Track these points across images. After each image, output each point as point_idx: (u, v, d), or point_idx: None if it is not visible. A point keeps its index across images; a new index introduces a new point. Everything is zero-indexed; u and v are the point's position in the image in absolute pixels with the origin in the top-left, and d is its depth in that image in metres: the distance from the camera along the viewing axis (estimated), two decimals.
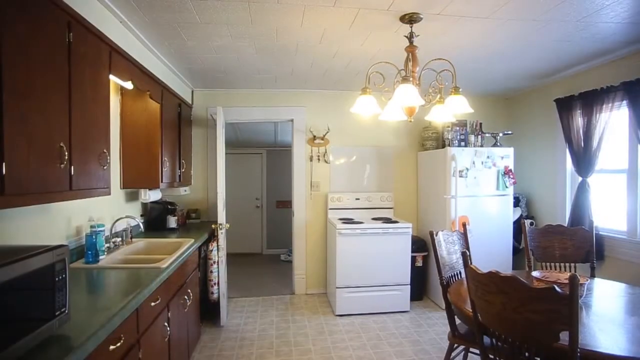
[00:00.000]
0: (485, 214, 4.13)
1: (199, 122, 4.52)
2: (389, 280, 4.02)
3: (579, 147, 3.75)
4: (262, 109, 4.63)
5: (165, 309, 2.23)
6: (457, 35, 2.83)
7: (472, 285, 1.73)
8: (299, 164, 4.67)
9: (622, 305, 2.14)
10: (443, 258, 2.52)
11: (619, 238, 3.44)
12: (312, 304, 4.33)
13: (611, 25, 2.70)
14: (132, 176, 3.05)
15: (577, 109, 3.77)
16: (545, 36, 2.87)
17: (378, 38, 2.87)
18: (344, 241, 3.94)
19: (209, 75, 3.93)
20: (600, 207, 3.70)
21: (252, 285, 5.03)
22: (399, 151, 4.85)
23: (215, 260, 3.60)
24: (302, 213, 4.68)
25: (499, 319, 1.61)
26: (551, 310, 1.44)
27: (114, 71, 2.22)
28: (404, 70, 2.30)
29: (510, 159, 4.18)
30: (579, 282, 1.41)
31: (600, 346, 1.58)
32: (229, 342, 3.33)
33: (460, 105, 2.26)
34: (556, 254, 2.90)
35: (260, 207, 7.07)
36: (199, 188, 4.54)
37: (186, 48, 3.08)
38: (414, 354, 3.13)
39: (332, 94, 4.70)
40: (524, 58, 3.41)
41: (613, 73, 3.43)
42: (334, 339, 3.41)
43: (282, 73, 3.90)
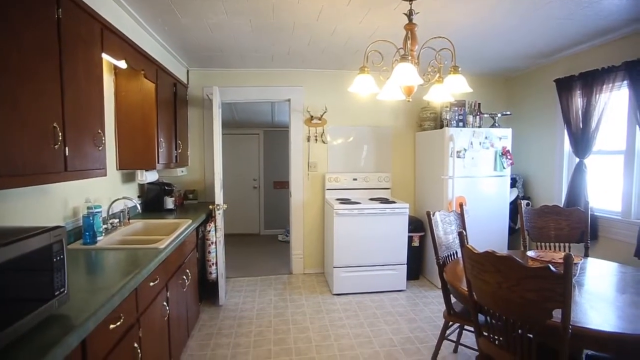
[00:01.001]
0: (483, 194, 4.14)
1: (195, 102, 4.47)
2: (386, 260, 4.06)
3: (577, 128, 3.74)
4: (259, 89, 4.56)
5: (164, 288, 2.25)
6: (457, 11, 2.77)
7: (468, 265, 1.75)
8: (297, 144, 4.65)
9: (613, 283, 2.18)
10: (440, 238, 2.54)
11: (613, 219, 3.48)
12: (309, 284, 4.39)
13: (614, 2, 2.65)
14: (128, 157, 3.03)
15: (577, 90, 3.74)
16: (547, 13, 2.81)
17: (377, 15, 2.81)
18: (341, 221, 3.96)
19: (204, 54, 3.86)
20: (595, 188, 3.72)
21: (250, 265, 5.08)
22: (397, 131, 4.83)
23: (213, 241, 3.62)
24: (300, 193, 4.69)
25: (494, 298, 1.64)
26: (545, 288, 1.47)
27: (106, 50, 2.17)
28: (403, 49, 2.26)
29: (508, 139, 4.17)
30: (573, 262, 1.43)
31: (591, 323, 1.62)
32: (227, 321, 3.39)
33: (459, 85, 2.23)
34: (551, 234, 2.93)
35: (258, 187, 7.08)
36: (196, 169, 4.52)
37: (180, 26, 3.01)
38: (409, 332, 3.19)
39: (329, 73, 4.63)
40: (525, 36, 3.35)
41: (615, 52, 3.39)
42: (332, 318, 3.47)
43: (279, 52, 3.83)
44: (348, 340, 3.05)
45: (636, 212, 3.29)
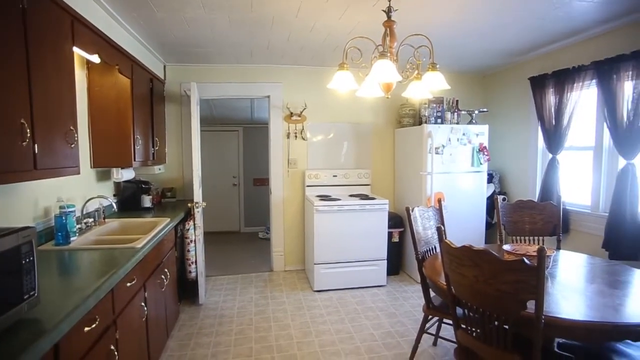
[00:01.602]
0: (460, 190, 4.23)
1: (172, 99, 4.38)
2: (366, 255, 4.09)
3: (550, 125, 3.85)
4: (238, 85, 4.51)
5: (142, 288, 2.21)
6: (435, 9, 2.80)
7: (446, 259, 1.78)
8: (276, 141, 4.62)
9: (583, 274, 2.26)
10: (419, 233, 2.58)
11: (583, 212, 3.61)
12: (290, 281, 4.38)
13: (584, 4, 2.74)
14: (103, 155, 2.94)
15: (550, 88, 3.85)
16: (521, 13, 2.88)
17: (356, 12, 2.81)
18: (322, 218, 3.97)
19: (181, 49, 3.78)
20: (567, 183, 3.84)
21: (231, 263, 5.03)
22: (377, 128, 4.86)
23: (192, 239, 3.56)
24: (280, 190, 4.67)
25: (472, 291, 1.67)
26: (520, 281, 1.51)
27: (77, 43, 2.10)
28: (382, 46, 2.27)
29: (485, 136, 4.26)
30: (546, 254, 1.48)
31: (562, 312, 1.68)
32: (208, 320, 3.35)
33: (437, 82, 2.26)
34: (526, 228, 3.02)
35: (237, 184, 7.01)
36: (174, 166, 4.44)
37: (156, 20, 2.94)
38: (390, 326, 3.23)
39: (309, 69, 4.62)
40: (501, 34, 3.42)
41: (584, 52, 3.50)
42: (313, 314, 3.48)
43: (257, 47, 3.79)
44: (329, 336, 3.06)
45: (604, 205, 3.42)
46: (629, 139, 3.05)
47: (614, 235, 3.13)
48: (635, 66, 2.98)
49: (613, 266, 2.33)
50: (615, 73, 3.14)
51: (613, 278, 2.11)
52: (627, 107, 3.06)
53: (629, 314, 1.67)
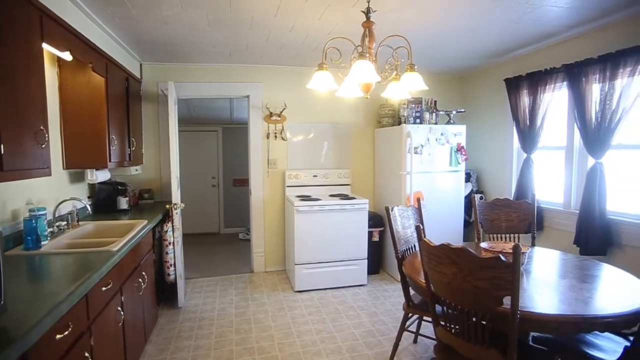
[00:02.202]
0: (439, 189, 4.29)
1: (149, 98, 4.28)
2: (347, 255, 4.11)
3: (524, 125, 3.96)
4: (217, 85, 4.46)
5: (119, 293, 2.15)
6: (414, 12, 2.84)
7: (425, 258, 1.81)
8: (256, 141, 4.59)
9: (556, 269, 2.33)
10: (398, 232, 2.61)
11: (556, 210, 3.73)
12: (271, 282, 4.36)
13: (555, 9, 2.83)
14: (76, 155, 2.85)
15: (524, 89, 3.96)
16: (497, 16, 2.95)
17: (335, 12, 2.82)
18: (302, 218, 3.96)
19: (158, 48, 3.70)
20: (541, 181, 3.96)
21: (210, 265, 4.96)
22: (356, 128, 4.89)
23: (171, 241, 3.50)
24: (260, 191, 4.64)
25: (450, 288, 1.70)
26: (496, 277, 1.54)
27: (47, 39, 2.02)
28: (361, 46, 2.28)
29: (462, 136, 4.35)
30: (521, 251, 1.52)
31: (537, 307, 1.72)
32: (187, 323, 3.29)
33: (416, 83, 2.29)
34: (502, 226, 3.09)
35: (217, 185, 6.92)
36: (151, 167, 4.34)
37: (131, 17, 2.87)
38: (371, 325, 3.26)
39: (289, 69, 4.61)
40: (476, 37, 3.49)
41: (556, 55, 3.62)
42: (294, 315, 3.47)
43: (237, 47, 3.76)
44: (311, 337, 3.06)
45: (575, 203, 3.54)
46: (597, 139, 3.16)
47: (584, 232, 3.25)
48: (602, 69, 3.10)
49: (583, 261, 2.42)
50: (584, 76, 3.26)
51: (583, 273, 2.18)
52: (595, 109, 3.18)
53: (597, 306, 1.74)
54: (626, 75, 2.95)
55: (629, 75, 2.94)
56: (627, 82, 2.95)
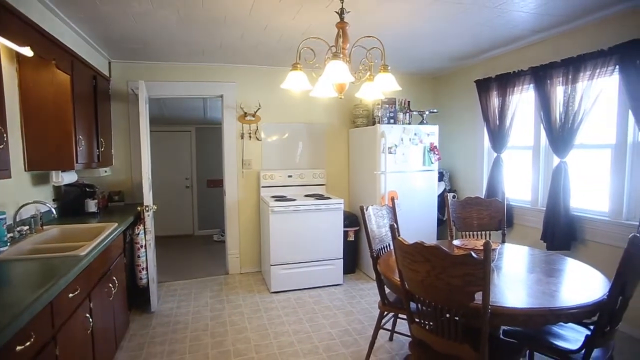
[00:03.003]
0: (413, 188, 4.36)
1: (119, 97, 4.15)
2: (323, 255, 4.12)
3: (494, 126, 4.08)
4: (190, 84, 4.37)
5: (87, 299, 2.07)
6: (387, 13, 2.88)
7: (399, 256, 1.83)
8: (230, 141, 4.53)
9: (525, 265, 2.41)
10: (373, 232, 2.63)
11: (525, 207, 3.86)
12: (247, 283, 4.31)
13: (522, 14, 2.93)
14: (39, 157, 2.71)
15: (494, 90, 4.08)
16: (467, 19, 3.03)
17: (309, 12, 2.82)
18: (277, 219, 3.94)
19: (128, 45, 3.60)
20: (511, 180, 4.09)
21: (184, 268, 4.86)
22: (331, 128, 4.91)
23: (143, 244, 3.40)
24: (234, 192, 4.58)
25: (424, 286, 1.73)
26: (468, 274, 1.58)
27: (4, 33, 1.91)
28: (335, 47, 2.29)
29: (435, 136, 4.43)
30: (491, 248, 1.56)
31: (507, 302, 1.78)
32: (161, 328, 3.21)
33: (389, 83, 2.32)
34: (474, 224, 3.17)
35: (190, 186, 6.79)
36: (122, 168, 4.21)
37: (99, 13, 2.77)
38: (347, 324, 3.27)
39: (263, 69, 4.57)
40: (449, 39, 3.57)
41: (523, 58, 3.75)
42: (270, 316, 3.44)
43: (210, 46, 3.69)
44: (287, 338, 3.05)
45: (542, 200, 3.68)
46: (561, 139, 3.30)
47: (551, 228, 3.38)
48: (565, 73, 3.24)
49: (550, 256, 2.51)
50: (549, 78, 3.40)
51: (549, 267, 2.27)
52: (559, 110, 3.32)
53: (562, 299, 1.81)
54: (586, 79, 3.10)
55: (589, 79, 3.08)
56: (587, 85, 3.09)
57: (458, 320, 1.68)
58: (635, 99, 2.75)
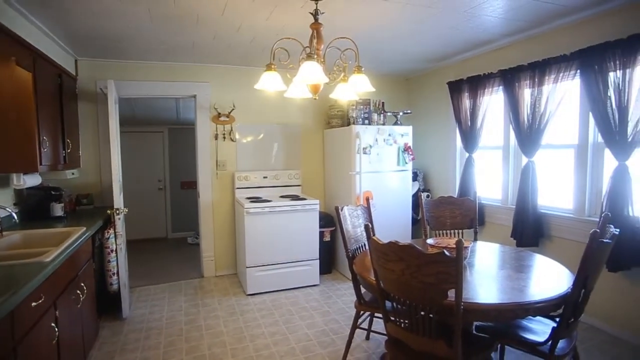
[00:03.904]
0: (387, 188, 4.42)
1: (86, 97, 4.00)
2: (299, 256, 4.11)
3: (466, 126, 4.18)
4: (162, 84, 4.27)
5: (52, 307, 1.98)
6: (360, 15, 2.90)
7: (374, 256, 1.85)
8: (204, 142, 4.45)
9: (496, 262, 2.48)
10: (348, 232, 2.64)
11: (495, 205, 3.98)
12: (222, 286, 4.25)
13: (491, 19, 3.02)
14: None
15: (465, 92, 4.19)
16: (439, 22, 3.09)
17: (283, 13, 2.81)
18: (252, 220, 3.90)
19: (96, 43, 3.47)
20: (482, 179, 4.21)
21: (158, 272, 4.74)
22: (306, 129, 4.90)
23: (113, 249, 3.30)
24: (209, 193, 4.51)
25: (398, 284, 1.75)
26: (441, 272, 1.61)
27: None
28: (309, 48, 2.29)
29: (409, 136, 4.50)
30: (463, 246, 1.59)
31: (479, 298, 1.82)
32: (133, 335, 3.12)
33: (363, 84, 2.34)
34: (447, 222, 3.23)
35: (163, 188, 6.63)
36: (90, 170, 4.07)
37: (63, 9, 2.67)
38: (324, 324, 3.28)
39: (237, 69, 4.52)
40: (421, 41, 3.64)
41: (493, 61, 3.87)
42: (246, 319, 3.40)
43: (182, 45, 3.62)
44: (264, 340, 3.02)
45: (512, 199, 3.80)
46: (529, 139, 3.42)
47: (520, 225, 3.50)
48: (532, 76, 3.37)
49: (519, 252, 2.60)
50: (517, 81, 3.52)
51: (519, 263, 2.35)
52: (527, 111, 3.44)
53: (531, 293, 1.88)
54: (551, 82, 3.23)
55: (553, 82, 3.21)
56: (552, 88, 3.22)
57: (432, 317, 1.71)
58: (595, 102, 2.89)
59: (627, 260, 2.71)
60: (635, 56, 2.63)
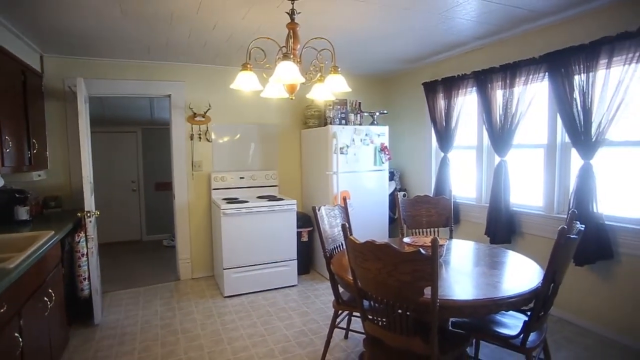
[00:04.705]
0: (364, 188, 4.45)
1: (54, 95, 3.85)
2: (277, 256, 4.09)
3: (441, 127, 4.26)
4: (135, 83, 4.16)
5: (16, 316, 1.89)
6: (336, 16, 2.91)
7: (351, 255, 1.86)
8: (179, 143, 4.37)
9: (470, 259, 2.54)
10: (326, 232, 2.65)
11: (470, 204, 4.07)
12: (199, 289, 4.18)
13: (464, 22, 3.09)
14: None
15: (440, 93, 4.26)
16: (413, 24, 3.14)
17: (260, 12, 2.79)
18: (229, 221, 3.85)
19: (63, 39, 3.34)
20: (457, 178, 4.30)
21: (132, 276, 4.62)
22: (283, 129, 4.88)
23: (84, 253, 3.18)
24: (184, 195, 4.42)
25: (375, 283, 1.77)
26: (417, 270, 1.63)
27: None
28: (285, 47, 2.28)
29: (385, 136, 4.55)
30: (438, 244, 1.62)
31: (454, 295, 1.86)
32: (106, 341, 3.02)
33: (339, 85, 2.34)
34: (423, 221, 3.28)
35: (137, 190, 6.47)
36: (59, 172, 3.91)
37: (25, 2, 2.55)
38: (303, 325, 3.27)
39: (213, 69, 4.46)
40: (397, 42, 3.68)
41: (467, 63, 3.96)
42: (224, 321, 3.36)
43: (156, 43, 3.53)
44: (242, 342, 2.99)
45: (485, 197, 3.90)
46: (501, 139, 3.52)
47: (493, 223, 3.59)
48: (504, 77, 3.47)
49: (493, 249, 2.67)
50: (490, 82, 3.61)
51: (493, 260, 2.41)
52: (499, 112, 3.54)
53: (504, 289, 1.93)
54: (522, 84, 3.33)
55: (524, 84, 3.32)
56: (523, 90, 3.33)
57: (409, 315, 1.73)
58: (562, 104, 3.00)
59: (593, 255, 2.83)
60: (597, 60, 2.76)
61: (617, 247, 2.82)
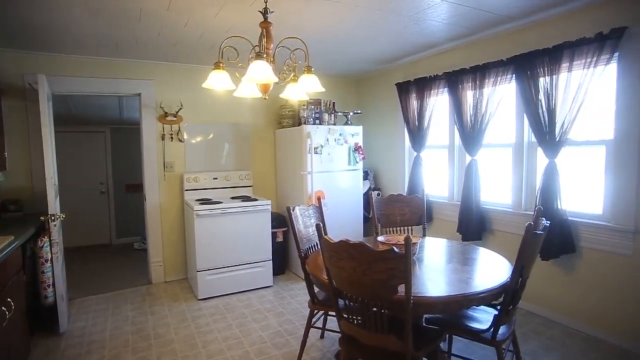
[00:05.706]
0: (339, 187, 4.47)
1: (12, 92, 3.66)
2: (251, 257, 4.05)
3: (414, 126, 4.34)
4: (102, 81, 4.01)
5: None
6: (310, 16, 2.91)
7: (326, 255, 1.86)
8: (150, 143, 4.25)
9: (443, 256, 2.59)
10: (300, 232, 2.64)
11: (442, 202, 4.16)
12: (172, 292, 4.08)
13: (436, 23, 3.16)
14: None
15: (413, 93, 4.34)
16: (387, 25, 3.17)
17: (233, 10, 2.75)
18: (202, 222, 3.78)
19: (22, 33, 3.18)
20: (430, 177, 4.38)
21: (101, 281, 4.46)
22: (257, 129, 4.84)
23: (48, 258, 3.05)
24: (156, 196, 4.31)
25: (350, 282, 1.78)
26: (391, 268, 1.65)
27: None
28: (258, 47, 2.26)
29: (359, 136, 4.58)
30: (412, 242, 1.64)
31: (428, 292, 1.89)
32: (72, 350, 2.90)
33: (313, 85, 2.34)
34: (397, 220, 3.33)
35: (106, 192, 6.25)
36: (19, 174, 3.73)
37: None
38: (278, 325, 3.25)
39: (184, 67, 4.36)
40: (370, 43, 3.71)
41: (438, 64, 4.04)
42: (198, 324, 3.29)
43: (124, 40, 3.42)
44: (217, 345, 2.94)
45: (457, 196, 3.99)
46: (472, 139, 3.61)
47: (465, 221, 3.68)
48: (474, 79, 3.56)
49: (464, 246, 2.73)
50: (460, 83, 3.70)
51: (464, 257, 2.47)
52: (470, 112, 3.63)
53: (475, 285, 1.98)
54: (491, 85, 3.43)
55: (492, 85, 3.42)
56: (492, 91, 3.43)
57: (384, 313, 1.75)
58: (528, 104, 3.11)
59: (557, 249, 2.95)
60: (560, 64, 2.88)
61: (579, 241, 2.95)
